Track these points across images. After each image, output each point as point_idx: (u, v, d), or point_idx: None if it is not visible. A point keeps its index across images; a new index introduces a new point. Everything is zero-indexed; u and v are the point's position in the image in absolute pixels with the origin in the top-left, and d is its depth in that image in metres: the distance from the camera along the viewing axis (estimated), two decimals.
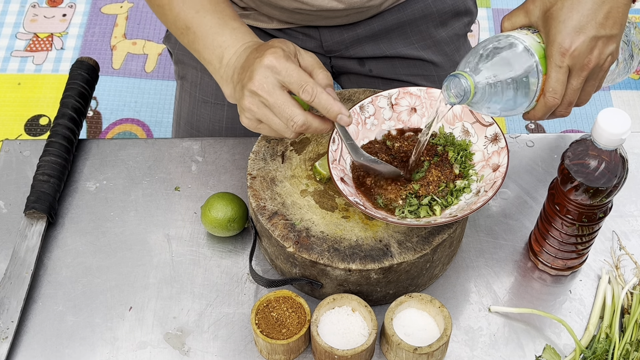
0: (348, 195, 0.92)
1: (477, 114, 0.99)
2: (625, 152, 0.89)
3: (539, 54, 0.84)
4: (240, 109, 0.92)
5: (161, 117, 2.13)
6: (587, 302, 1.02)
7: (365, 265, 0.93)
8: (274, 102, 0.88)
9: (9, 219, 1.08)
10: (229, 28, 0.98)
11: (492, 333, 0.99)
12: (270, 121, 0.89)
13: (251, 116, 0.91)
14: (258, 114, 0.90)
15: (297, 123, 0.88)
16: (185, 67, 1.32)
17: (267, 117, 0.89)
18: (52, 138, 1.11)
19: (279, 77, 0.88)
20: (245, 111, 0.91)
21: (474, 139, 1.00)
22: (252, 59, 0.90)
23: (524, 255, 1.06)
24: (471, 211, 0.91)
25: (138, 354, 0.97)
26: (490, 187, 0.94)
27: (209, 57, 0.98)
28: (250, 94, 0.89)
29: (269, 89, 0.88)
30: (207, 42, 0.98)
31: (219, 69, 0.97)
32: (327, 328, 0.94)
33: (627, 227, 1.08)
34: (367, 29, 1.27)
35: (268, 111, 0.89)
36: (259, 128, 0.92)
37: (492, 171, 0.96)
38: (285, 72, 0.87)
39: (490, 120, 0.99)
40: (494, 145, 0.98)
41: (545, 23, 0.86)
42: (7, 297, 0.99)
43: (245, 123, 0.92)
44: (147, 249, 1.06)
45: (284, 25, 1.26)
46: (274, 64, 0.87)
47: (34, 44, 2.28)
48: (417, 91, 1.02)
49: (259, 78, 0.88)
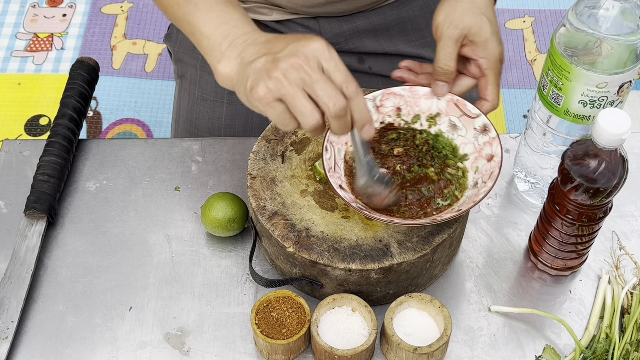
0: (351, 202, 0.92)
1: (462, 107, 0.99)
2: (625, 152, 0.89)
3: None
4: (259, 77, 0.83)
5: (161, 117, 2.13)
6: (587, 302, 1.02)
7: (365, 265, 0.93)
8: (318, 78, 0.81)
9: (9, 219, 1.08)
10: (238, 12, 0.93)
11: (492, 333, 0.99)
12: (297, 99, 0.82)
13: (275, 89, 0.82)
14: (286, 88, 0.82)
15: (338, 105, 0.82)
16: (184, 66, 1.32)
17: (295, 94, 0.82)
18: (52, 138, 1.11)
19: (326, 63, 0.83)
20: (271, 81, 0.82)
21: (462, 131, 1.00)
22: (290, 39, 0.84)
23: (524, 255, 1.06)
24: (474, 203, 0.91)
25: (138, 354, 0.97)
26: (488, 178, 0.95)
27: (209, 31, 0.92)
28: (288, 67, 0.81)
29: (314, 66, 0.82)
30: (212, 15, 0.92)
31: (219, 44, 0.90)
32: (327, 328, 0.94)
33: (627, 227, 1.08)
34: (366, 22, 1.27)
35: (300, 89, 0.82)
36: (270, 106, 0.83)
37: (487, 161, 0.97)
38: (334, 61, 0.83)
39: (477, 111, 0.99)
40: (484, 136, 0.98)
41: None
42: (7, 297, 0.99)
43: (260, 94, 0.83)
44: (147, 249, 1.06)
45: (284, 16, 1.26)
46: (325, 50, 0.83)
47: (34, 44, 2.28)
48: (401, 90, 1.01)
49: (304, 55, 0.81)
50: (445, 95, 0.99)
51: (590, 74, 0.91)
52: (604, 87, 0.92)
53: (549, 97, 0.97)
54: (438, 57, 0.97)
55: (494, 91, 0.98)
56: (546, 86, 0.97)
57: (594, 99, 0.94)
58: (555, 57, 0.94)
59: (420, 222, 0.92)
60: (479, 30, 0.96)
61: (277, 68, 0.82)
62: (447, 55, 0.96)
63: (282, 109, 0.83)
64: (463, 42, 0.97)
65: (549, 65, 0.96)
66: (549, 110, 0.99)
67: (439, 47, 0.97)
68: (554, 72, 0.95)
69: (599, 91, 0.93)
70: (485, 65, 0.97)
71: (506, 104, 2.17)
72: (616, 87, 0.93)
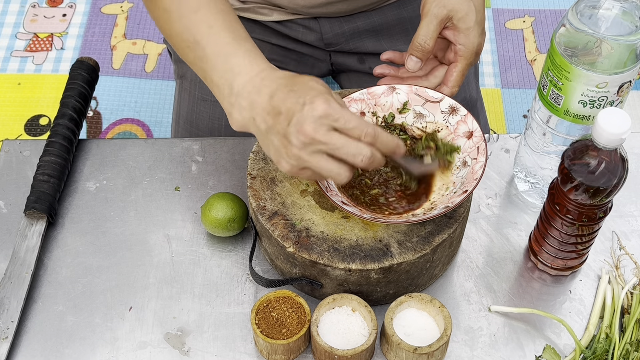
0: (362, 214, 0.93)
1: (423, 94, 1.00)
2: (625, 152, 0.89)
3: None
4: (279, 155, 0.87)
5: (161, 117, 2.13)
6: (587, 302, 1.02)
7: (365, 265, 0.93)
8: (335, 144, 0.83)
9: (9, 219, 1.08)
10: (242, 49, 0.92)
11: (492, 333, 0.99)
12: (323, 168, 0.85)
13: (297, 164, 0.86)
14: (309, 162, 0.85)
15: (366, 155, 0.84)
16: (185, 66, 1.32)
17: (319, 164, 0.85)
18: (52, 138, 1.11)
19: (336, 124, 0.83)
20: (291, 159, 0.85)
21: (430, 118, 1.01)
22: (293, 103, 0.84)
23: (524, 255, 1.06)
24: (477, 182, 0.92)
25: (138, 354, 0.97)
26: (477, 153, 0.96)
27: (217, 80, 0.92)
28: (301, 144, 0.83)
29: (325, 134, 0.83)
30: (218, 62, 0.92)
31: (228, 95, 0.91)
32: (327, 328, 0.94)
33: (627, 227, 1.08)
34: (366, 22, 1.27)
35: (322, 157, 0.84)
36: (300, 173, 0.87)
37: (467, 139, 0.97)
38: (343, 119, 0.83)
39: (440, 95, 1.00)
40: (455, 116, 0.99)
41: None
42: (7, 297, 0.99)
43: (286, 169, 0.87)
44: (147, 249, 1.06)
45: (285, 16, 1.26)
46: (328, 113, 0.83)
47: (34, 44, 2.28)
48: (359, 95, 1.01)
49: (312, 127, 0.82)
50: (415, 70, 1.00)
51: (590, 74, 0.91)
52: (604, 87, 0.92)
53: (549, 97, 0.97)
54: (419, 32, 0.98)
55: (457, 79, 0.99)
56: (546, 86, 0.97)
57: (593, 99, 0.94)
58: (555, 57, 0.94)
59: (433, 214, 0.92)
60: (464, 16, 0.97)
61: (292, 145, 0.84)
62: (428, 33, 0.97)
63: (312, 174, 0.87)
64: (447, 24, 0.98)
65: (549, 65, 0.96)
66: (549, 110, 0.99)
67: (423, 23, 0.98)
68: (554, 72, 0.95)
69: (598, 91, 0.93)
70: (461, 52, 0.98)
71: (506, 104, 2.16)
72: (616, 87, 0.93)
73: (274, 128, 0.86)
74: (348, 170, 0.86)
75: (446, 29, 0.99)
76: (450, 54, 1.00)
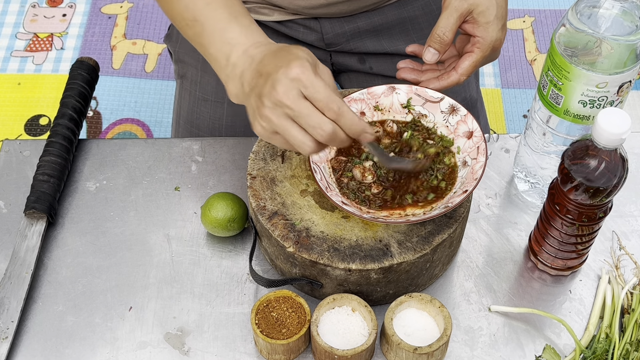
0: (363, 214, 0.93)
1: (423, 94, 1.00)
2: (625, 152, 0.89)
3: None
4: (254, 116, 0.89)
5: (161, 117, 2.13)
6: (587, 302, 1.02)
7: (365, 265, 0.93)
8: (299, 111, 0.84)
9: (9, 219, 1.08)
10: (239, 24, 0.95)
11: (492, 333, 0.99)
12: (289, 133, 0.85)
13: (268, 126, 0.86)
14: (277, 125, 0.85)
15: (326, 131, 0.84)
16: (185, 66, 1.32)
17: (285, 129, 0.85)
18: (52, 138, 1.11)
19: (305, 90, 0.84)
20: (262, 120, 0.86)
21: (430, 118, 1.01)
22: (273, 66, 0.86)
23: (524, 255, 1.06)
24: (477, 182, 0.92)
25: (138, 354, 0.97)
26: (477, 154, 0.95)
27: (215, 53, 0.95)
28: (272, 105, 0.85)
29: (294, 99, 0.84)
30: (215, 37, 0.94)
31: (225, 66, 0.94)
32: (327, 328, 0.94)
33: (627, 227, 1.08)
34: (367, 22, 1.27)
35: (289, 123, 0.85)
36: (272, 138, 0.88)
37: (467, 139, 0.97)
38: (313, 87, 0.84)
39: (440, 95, 1.00)
40: (455, 116, 0.99)
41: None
42: (7, 297, 0.99)
43: (258, 131, 0.89)
44: (147, 249, 1.06)
45: (285, 17, 1.26)
46: (300, 77, 0.84)
47: (34, 44, 2.28)
48: (359, 95, 1.02)
49: (283, 89, 0.83)
50: (432, 62, 1.00)
51: (590, 74, 0.91)
52: (604, 87, 0.92)
53: (549, 97, 0.97)
54: (439, 24, 0.98)
55: (468, 68, 0.99)
56: (546, 86, 0.97)
57: (593, 99, 0.94)
58: (555, 57, 0.94)
59: (433, 213, 0.92)
60: (484, 10, 0.97)
61: (264, 106, 0.86)
62: (447, 25, 0.97)
63: (282, 140, 0.87)
64: (467, 18, 0.98)
65: (549, 65, 0.96)
66: (549, 110, 0.99)
67: (443, 15, 0.98)
68: (554, 72, 0.95)
69: (598, 91, 0.93)
70: (478, 45, 0.98)
71: (506, 104, 2.16)
72: (616, 87, 0.93)
73: (254, 89, 0.88)
74: (313, 142, 0.85)
75: (466, 22, 0.99)
76: (468, 46, 1.00)
